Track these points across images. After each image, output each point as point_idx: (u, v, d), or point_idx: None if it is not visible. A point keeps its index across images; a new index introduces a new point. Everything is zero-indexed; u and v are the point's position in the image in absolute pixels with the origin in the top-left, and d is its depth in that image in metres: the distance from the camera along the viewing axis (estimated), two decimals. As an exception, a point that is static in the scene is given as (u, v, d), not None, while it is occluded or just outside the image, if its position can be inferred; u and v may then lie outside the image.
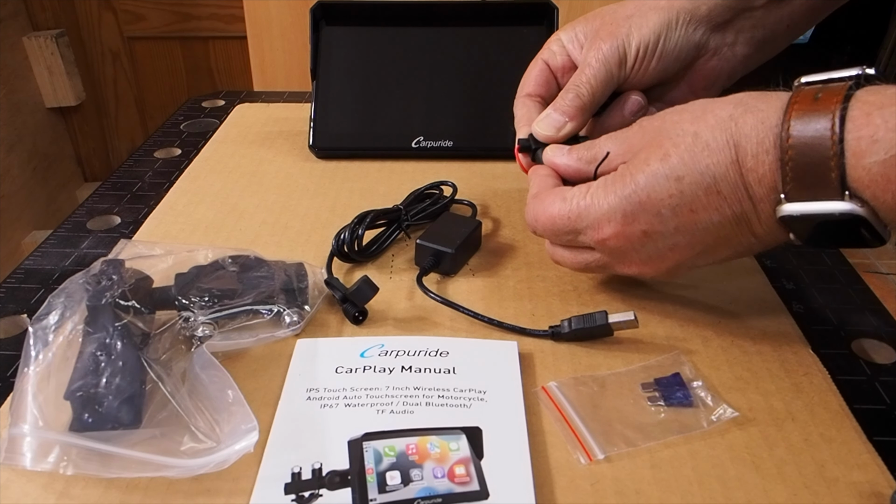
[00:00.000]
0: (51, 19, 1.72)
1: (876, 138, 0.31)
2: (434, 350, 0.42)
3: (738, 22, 0.47)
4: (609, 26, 0.47)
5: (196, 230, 0.56)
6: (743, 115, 0.36)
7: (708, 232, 0.38)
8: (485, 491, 0.34)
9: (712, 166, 0.37)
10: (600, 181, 0.41)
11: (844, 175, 0.33)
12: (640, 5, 0.47)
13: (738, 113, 0.36)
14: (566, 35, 0.50)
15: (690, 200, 0.38)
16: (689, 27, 0.46)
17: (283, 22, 1.20)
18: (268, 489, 0.34)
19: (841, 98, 0.33)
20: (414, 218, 0.54)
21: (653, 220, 0.39)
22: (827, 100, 0.33)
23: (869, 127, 0.32)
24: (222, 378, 0.38)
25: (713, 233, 0.38)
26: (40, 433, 0.35)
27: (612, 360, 0.43)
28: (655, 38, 0.46)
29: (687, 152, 0.37)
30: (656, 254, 0.41)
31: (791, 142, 0.34)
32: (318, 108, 0.68)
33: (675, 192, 0.38)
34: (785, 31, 0.49)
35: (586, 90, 0.47)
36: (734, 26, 0.47)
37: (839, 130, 0.32)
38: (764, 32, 0.48)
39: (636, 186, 0.39)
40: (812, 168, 0.33)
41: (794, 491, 0.35)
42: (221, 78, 1.79)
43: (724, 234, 0.38)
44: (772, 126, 0.35)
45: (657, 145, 0.39)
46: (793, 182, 0.34)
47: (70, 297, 0.40)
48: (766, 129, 0.35)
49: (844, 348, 0.45)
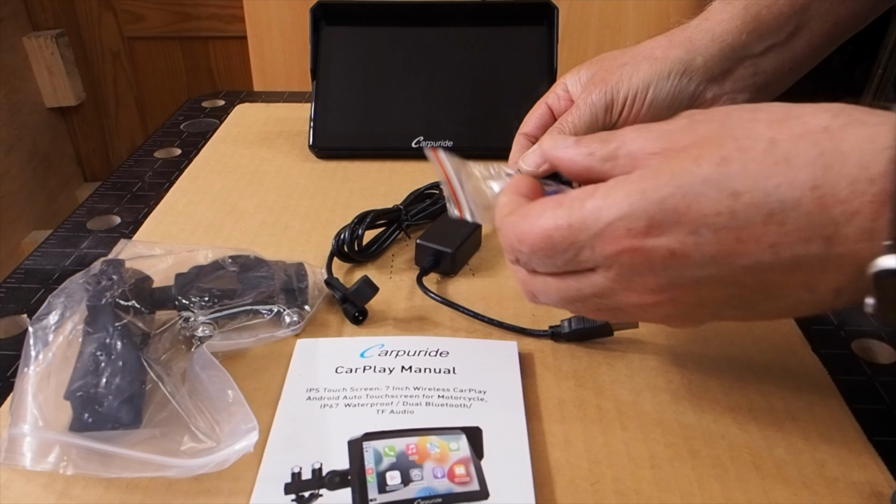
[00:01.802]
0: (51, 19, 1.71)
1: None
2: (434, 350, 0.42)
3: (737, 71, 0.46)
4: (603, 72, 0.48)
5: (196, 230, 0.56)
6: (843, 129, 0.28)
7: (749, 272, 0.29)
8: (485, 491, 0.34)
9: (783, 187, 0.28)
10: (618, 179, 0.31)
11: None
12: (635, 54, 0.48)
13: (836, 125, 0.28)
14: (571, 79, 0.51)
15: (742, 226, 0.28)
16: (683, 78, 0.46)
17: (283, 22, 1.20)
18: (268, 489, 0.34)
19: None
20: (414, 218, 0.54)
21: (686, 240, 0.29)
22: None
23: None
24: (222, 378, 0.38)
25: (756, 276, 0.29)
26: (40, 433, 0.35)
27: (612, 360, 0.43)
28: (645, 87, 0.46)
29: (755, 162, 0.28)
30: (677, 283, 0.31)
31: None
32: (318, 108, 0.68)
33: (724, 210, 0.28)
34: (788, 74, 0.48)
35: (569, 129, 0.47)
36: (733, 76, 0.46)
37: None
38: (766, 77, 0.47)
39: (675, 189, 0.29)
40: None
41: (794, 491, 0.35)
42: (221, 78, 1.79)
43: (769, 279, 0.29)
44: (884, 147, 0.26)
45: (716, 143, 0.30)
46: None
47: (70, 297, 0.40)
48: (875, 150, 0.26)
49: (844, 348, 0.45)
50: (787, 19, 0.46)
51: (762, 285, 0.30)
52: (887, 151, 0.26)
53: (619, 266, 0.31)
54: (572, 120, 0.48)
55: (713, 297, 0.31)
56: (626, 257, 0.31)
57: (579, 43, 1.22)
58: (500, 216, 0.35)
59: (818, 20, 0.47)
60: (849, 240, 0.27)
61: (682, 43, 0.47)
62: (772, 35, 0.47)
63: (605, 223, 0.30)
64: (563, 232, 0.32)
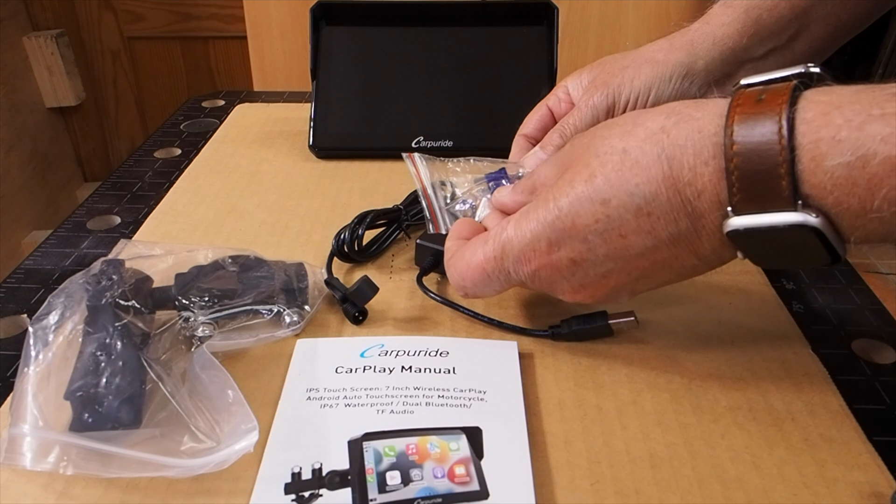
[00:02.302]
0: (51, 19, 1.71)
1: (839, 138, 0.28)
2: (434, 350, 0.42)
3: (738, 74, 0.47)
4: (605, 75, 0.48)
5: (196, 230, 0.56)
6: (676, 126, 0.33)
7: (642, 257, 0.35)
8: (485, 491, 0.34)
9: (642, 185, 0.33)
10: (522, 210, 0.38)
11: (797, 182, 0.30)
12: (637, 57, 0.48)
13: (670, 123, 0.33)
14: (572, 82, 0.52)
15: (619, 225, 0.34)
16: (685, 82, 0.46)
17: (283, 22, 1.20)
18: (268, 489, 0.34)
19: (786, 99, 0.30)
20: (414, 218, 0.54)
21: (580, 248, 0.36)
22: (771, 101, 0.31)
23: (828, 128, 0.29)
24: (222, 378, 0.38)
25: (648, 257, 0.35)
26: (40, 433, 0.35)
27: (611, 360, 0.43)
28: (647, 90, 0.47)
29: (614, 172, 0.34)
30: (589, 281, 0.38)
31: (736, 148, 0.30)
32: (318, 108, 0.68)
33: (601, 217, 0.34)
34: None
35: (570, 131, 0.48)
36: (734, 79, 0.47)
37: (787, 134, 0.29)
38: None
39: (559, 212, 0.36)
40: (760, 176, 0.30)
41: (794, 491, 0.35)
42: (221, 78, 1.79)
43: (660, 258, 0.35)
44: (710, 134, 0.32)
45: (584, 164, 0.36)
46: (740, 193, 0.31)
47: (70, 297, 0.40)
48: (703, 139, 0.32)
49: (844, 348, 0.45)
50: (788, 23, 0.46)
51: (657, 263, 0.36)
52: (713, 137, 0.32)
53: (539, 279, 0.39)
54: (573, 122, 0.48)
55: (622, 282, 0.37)
56: (542, 272, 0.38)
57: (579, 43, 1.22)
58: (446, 259, 0.43)
59: (819, 23, 0.47)
60: (705, 211, 0.33)
61: (683, 46, 0.47)
62: (773, 38, 0.47)
63: (518, 251, 0.38)
64: (492, 263, 0.39)
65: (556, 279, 0.38)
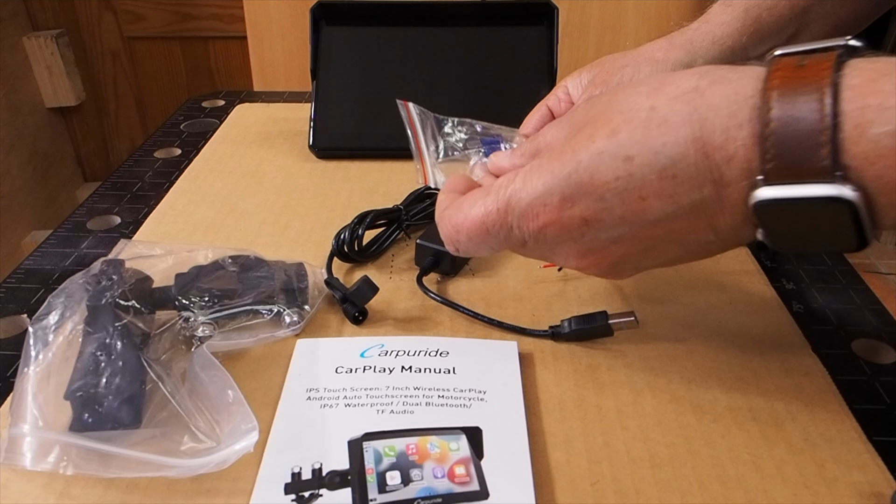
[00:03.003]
0: (51, 19, 1.72)
1: (887, 106, 0.27)
2: (434, 350, 0.42)
3: None
4: (605, 74, 0.48)
5: (196, 230, 0.56)
6: (711, 86, 0.31)
7: (658, 224, 0.33)
8: (485, 491, 0.34)
9: (669, 145, 0.31)
10: (534, 162, 0.35)
11: (837, 151, 0.28)
12: (636, 56, 0.48)
13: (704, 84, 0.31)
14: (572, 82, 0.52)
15: (640, 185, 0.32)
16: None
17: (283, 22, 1.20)
18: (268, 489, 0.34)
19: (831, 65, 0.28)
20: (414, 218, 0.54)
21: (595, 206, 0.33)
22: (815, 67, 0.29)
23: (876, 95, 0.27)
24: (222, 378, 0.38)
25: (664, 226, 0.33)
26: (40, 433, 0.35)
27: (612, 360, 0.43)
28: None
29: (640, 128, 0.32)
30: (597, 246, 0.35)
31: (773, 113, 0.29)
32: (317, 108, 0.68)
33: (622, 175, 0.32)
34: None
35: None
36: None
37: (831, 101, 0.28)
38: None
39: (577, 165, 0.33)
40: (799, 142, 0.28)
41: (794, 491, 0.35)
42: (221, 78, 1.79)
43: (676, 227, 0.33)
44: (747, 96, 0.30)
45: (605, 120, 0.33)
46: (774, 160, 0.29)
47: (70, 297, 0.40)
48: (739, 101, 0.30)
49: (844, 348, 0.45)
50: (788, 22, 0.46)
51: (671, 234, 0.33)
52: (750, 100, 0.29)
53: (543, 238, 0.35)
54: None
55: (630, 253, 0.35)
56: (549, 230, 0.35)
57: (579, 43, 1.22)
58: (438, 212, 0.39)
59: (819, 22, 0.47)
60: (733, 180, 0.30)
61: (682, 45, 0.47)
62: (772, 38, 0.47)
63: (525, 204, 0.35)
64: (493, 217, 0.36)
65: (562, 240, 0.35)
